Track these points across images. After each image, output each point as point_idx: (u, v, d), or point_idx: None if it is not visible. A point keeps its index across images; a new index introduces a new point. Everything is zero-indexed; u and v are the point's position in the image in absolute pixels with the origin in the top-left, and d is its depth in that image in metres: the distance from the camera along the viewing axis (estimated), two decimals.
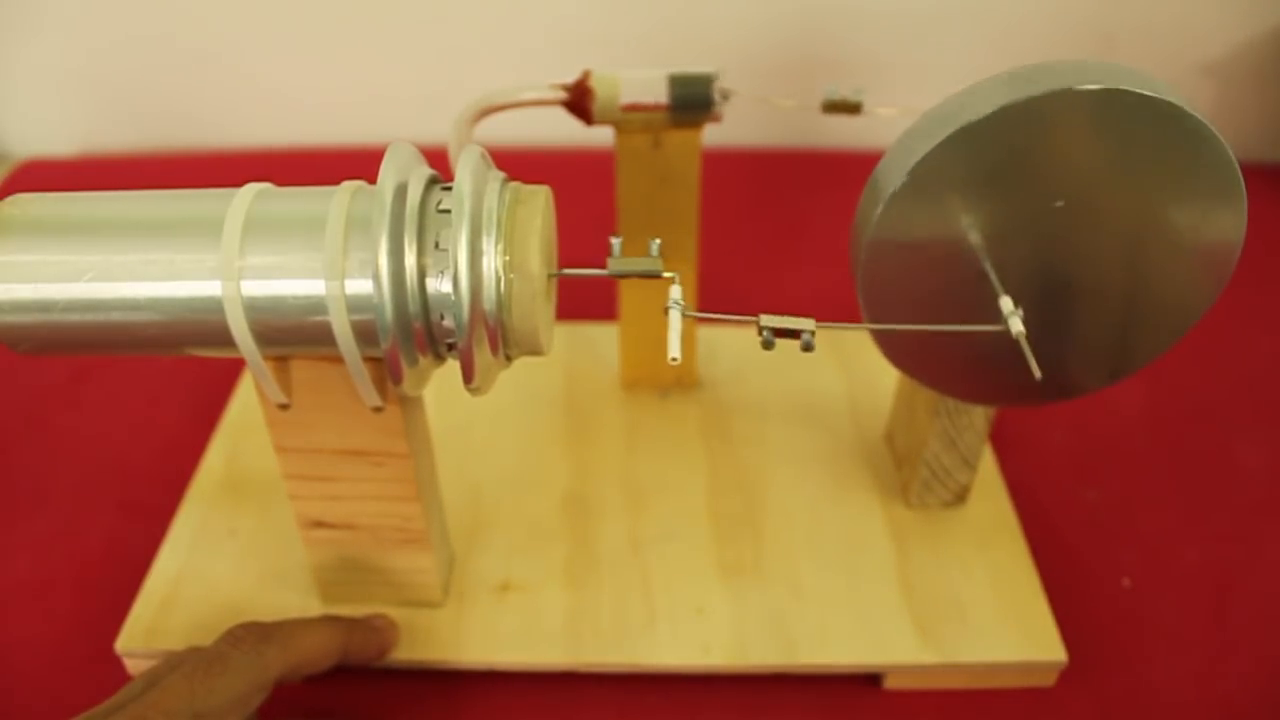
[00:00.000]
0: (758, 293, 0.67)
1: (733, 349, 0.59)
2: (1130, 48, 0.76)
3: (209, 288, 0.32)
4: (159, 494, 0.51)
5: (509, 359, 0.35)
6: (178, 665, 0.35)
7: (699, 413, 0.55)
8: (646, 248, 0.34)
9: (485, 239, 0.32)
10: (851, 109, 0.45)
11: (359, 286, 0.32)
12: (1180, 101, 0.32)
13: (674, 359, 0.31)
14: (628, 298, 0.53)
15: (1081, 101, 0.32)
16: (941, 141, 0.33)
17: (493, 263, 0.32)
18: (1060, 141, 0.33)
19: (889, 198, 0.34)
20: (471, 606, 0.45)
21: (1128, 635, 0.46)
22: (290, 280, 0.32)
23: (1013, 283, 0.36)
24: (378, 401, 0.36)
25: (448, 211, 0.32)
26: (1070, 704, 0.44)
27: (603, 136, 0.47)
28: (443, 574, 0.44)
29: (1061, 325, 0.38)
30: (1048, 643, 0.43)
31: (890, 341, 0.39)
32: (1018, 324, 0.35)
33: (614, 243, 0.34)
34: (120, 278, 0.32)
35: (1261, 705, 0.44)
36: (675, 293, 0.32)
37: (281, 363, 0.36)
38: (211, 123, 0.82)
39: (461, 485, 0.50)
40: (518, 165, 0.37)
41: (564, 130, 0.54)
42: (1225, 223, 0.35)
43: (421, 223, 0.32)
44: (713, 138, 0.48)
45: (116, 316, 0.33)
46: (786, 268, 0.70)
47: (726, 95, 0.44)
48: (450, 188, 0.33)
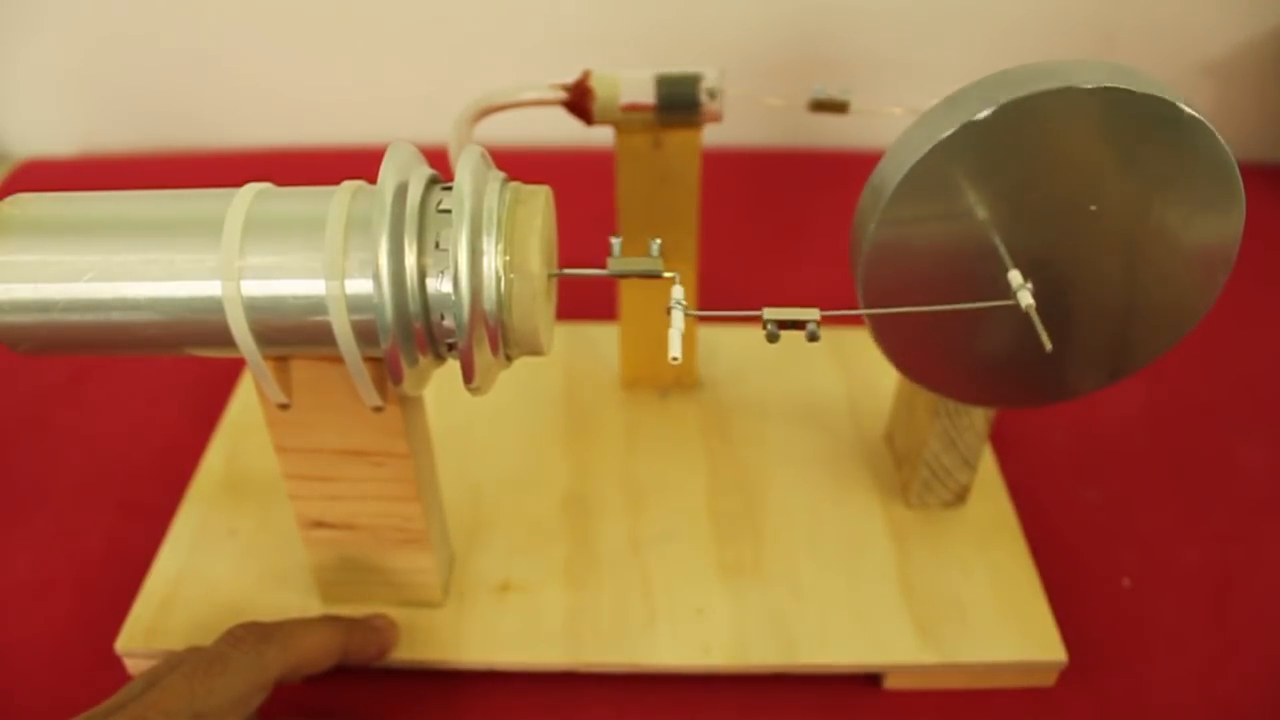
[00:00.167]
0: (757, 292, 0.67)
1: (733, 349, 0.59)
2: (1130, 48, 0.76)
3: (209, 288, 0.32)
4: (159, 494, 0.51)
5: (509, 359, 0.35)
6: (178, 665, 0.35)
7: (699, 413, 0.55)
8: (646, 248, 0.34)
9: (485, 239, 0.32)
10: (839, 108, 0.44)
11: (359, 286, 0.32)
12: (1180, 101, 0.32)
13: (675, 358, 0.31)
14: (628, 298, 0.53)
15: (1081, 101, 0.32)
16: (942, 141, 0.33)
17: (493, 263, 0.32)
18: (1060, 141, 0.33)
19: (889, 197, 0.34)
20: (471, 606, 0.45)
21: (1128, 635, 0.46)
22: (290, 280, 0.32)
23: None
24: (378, 401, 0.36)
25: (448, 211, 0.32)
26: (1070, 704, 0.44)
27: (603, 136, 0.47)
28: (443, 574, 0.44)
29: (1061, 325, 0.38)
30: (1048, 643, 0.43)
31: (891, 341, 0.39)
32: (1027, 297, 0.35)
33: (614, 243, 0.34)
34: (120, 278, 0.32)
35: (1261, 705, 0.44)
36: (677, 292, 0.32)
37: (281, 363, 0.36)
38: (211, 123, 0.82)
39: (461, 485, 0.50)
40: (518, 165, 0.37)
41: (564, 130, 0.54)
42: (1224, 222, 0.35)
43: (422, 223, 0.32)
44: (713, 138, 0.48)
45: (116, 316, 0.33)
46: (786, 268, 0.70)
47: (714, 95, 0.44)
48: (450, 188, 0.33)
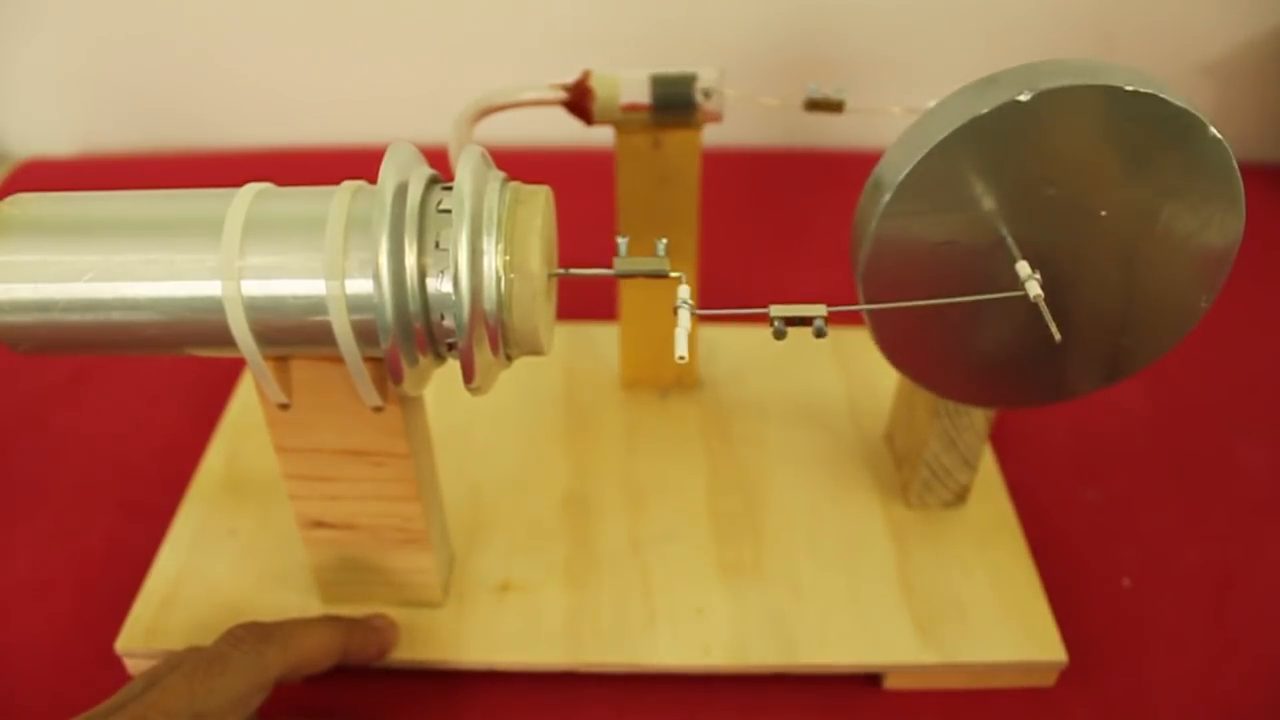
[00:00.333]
0: (757, 292, 0.67)
1: (733, 349, 0.59)
2: (1130, 48, 0.76)
3: (209, 288, 0.32)
4: (159, 494, 0.51)
5: (509, 359, 0.35)
6: (178, 665, 0.35)
7: (699, 413, 0.55)
8: (646, 248, 0.34)
9: (485, 239, 0.32)
10: (834, 107, 0.44)
11: (359, 286, 0.32)
12: (1180, 100, 0.32)
13: (681, 358, 0.30)
14: (628, 298, 0.53)
15: (1081, 100, 0.32)
16: (942, 140, 0.33)
17: (493, 262, 0.32)
18: (1060, 140, 0.33)
19: (890, 197, 0.34)
20: (471, 606, 0.45)
21: (1128, 635, 0.46)
22: (290, 280, 0.32)
23: (1012, 281, 0.36)
24: (378, 401, 0.36)
25: (448, 211, 0.32)
26: (1070, 704, 0.44)
27: (603, 136, 0.47)
28: (443, 574, 0.44)
29: (1061, 324, 0.38)
30: (1048, 643, 0.43)
31: (891, 341, 0.39)
32: (1035, 287, 0.34)
33: (620, 242, 0.34)
34: (120, 278, 0.32)
35: (1261, 705, 0.44)
36: (684, 292, 0.32)
37: (281, 363, 0.36)
38: (211, 123, 0.82)
39: (461, 485, 0.50)
40: (518, 165, 0.37)
41: (564, 130, 0.54)
42: (1224, 222, 0.35)
43: (422, 222, 0.32)
44: (712, 138, 0.48)
45: (116, 316, 0.33)
46: (786, 268, 0.70)
47: (709, 94, 0.44)
48: (450, 188, 0.33)
